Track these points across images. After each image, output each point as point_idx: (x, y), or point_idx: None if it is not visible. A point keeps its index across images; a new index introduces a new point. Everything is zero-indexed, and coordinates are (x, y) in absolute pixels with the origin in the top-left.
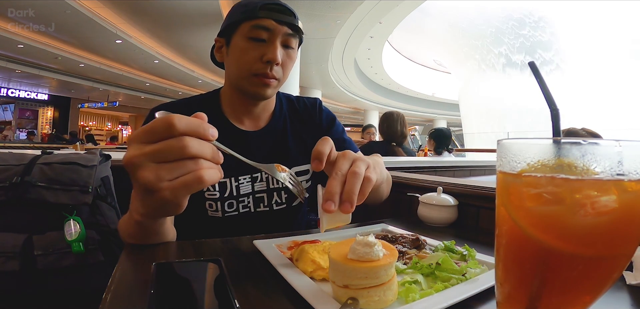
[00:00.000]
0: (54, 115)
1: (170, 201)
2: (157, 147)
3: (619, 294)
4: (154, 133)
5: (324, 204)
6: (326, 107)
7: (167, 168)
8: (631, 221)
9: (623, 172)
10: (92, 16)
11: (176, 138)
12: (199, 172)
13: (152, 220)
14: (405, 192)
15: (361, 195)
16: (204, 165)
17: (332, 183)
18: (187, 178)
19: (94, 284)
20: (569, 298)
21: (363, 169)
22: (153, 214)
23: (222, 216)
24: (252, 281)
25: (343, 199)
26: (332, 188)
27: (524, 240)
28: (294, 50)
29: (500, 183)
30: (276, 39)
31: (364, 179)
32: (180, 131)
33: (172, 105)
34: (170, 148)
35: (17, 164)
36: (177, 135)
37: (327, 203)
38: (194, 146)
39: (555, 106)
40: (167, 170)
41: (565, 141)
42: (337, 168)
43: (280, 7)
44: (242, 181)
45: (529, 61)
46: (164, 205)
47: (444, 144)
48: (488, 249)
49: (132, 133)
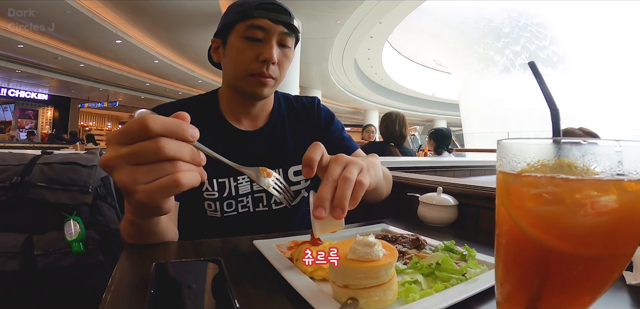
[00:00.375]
0: (54, 115)
1: (147, 204)
2: (132, 149)
3: (619, 294)
4: (130, 134)
5: (314, 211)
6: (325, 106)
7: (142, 171)
8: (631, 221)
9: (623, 172)
10: (92, 16)
11: (152, 139)
12: (176, 175)
13: (143, 220)
14: (405, 192)
15: (353, 200)
16: (181, 167)
17: (322, 189)
18: (162, 182)
19: (94, 284)
20: (569, 297)
21: (355, 173)
22: (139, 215)
23: (221, 216)
24: (252, 281)
25: (334, 205)
26: (322, 194)
27: (524, 240)
28: (290, 49)
29: (500, 183)
30: (272, 38)
31: (356, 183)
32: (155, 132)
33: (170, 105)
34: (145, 150)
35: (17, 164)
36: (152, 136)
37: (317, 210)
38: (171, 147)
39: (555, 106)
40: (142, 173)
41: (565, 141)
42: (328, 173)
43: (275, 6)
44: (240, 181)
45: (529, 61)
46: (142, 208)
47: (443, 144)
48: (488, 249)
49: (110, 133)
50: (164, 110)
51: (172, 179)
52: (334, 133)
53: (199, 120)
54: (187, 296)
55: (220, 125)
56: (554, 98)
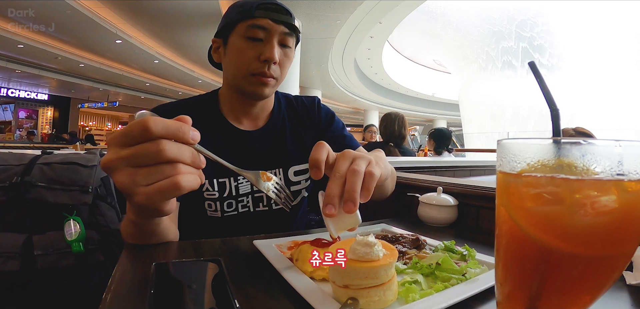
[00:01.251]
0: (54, 115)
1: (147, 206)
2: (132, 151)
3: (619, 294)
4: (130, 136)
5: (324, 208)
6: (325, 105)
7: (142, 173)
8: (631, 221)
9: (623, 172)
10: (92, 16)
11: (152, 141)
12: (176, 178)
13: (145, 220)
14: (405, 192)
15: (366, 192)
16: (182, 169)
17: (330, 186)
18: (162, 184)
19: (94, 284)
20: (569, 298)
21: (363, 166)
22: (140, 215)
23: (221, 216)
24: (252, 281)
25: (345, 199)
26: (330, 191)
27: (524, 240)
28: (291, 49)
29: (500, 183)
30: (273, 38)
31: (366, 175)
32: (156, 134)
33: (171, 105)
34: (145, 152)
35: (17, 164)
36: (153, 138)
37: (327, 208)
38: (172, 150)
39: (556, 106)
40: (142, 175)
41: (565, 141)
42: (335, 169)
43: (276, 6)
44: (241, 181)
45: (529, 62)
46: (143, 209)
47: (444, 144)
48: (488, 249)
49: (110, 134)
50: (165, 110)
51: (172, 182)
52: (334, 132)
53: (200, 119)
54: (187, 297)
55: (221, 124)
56: (554, 99)
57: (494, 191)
